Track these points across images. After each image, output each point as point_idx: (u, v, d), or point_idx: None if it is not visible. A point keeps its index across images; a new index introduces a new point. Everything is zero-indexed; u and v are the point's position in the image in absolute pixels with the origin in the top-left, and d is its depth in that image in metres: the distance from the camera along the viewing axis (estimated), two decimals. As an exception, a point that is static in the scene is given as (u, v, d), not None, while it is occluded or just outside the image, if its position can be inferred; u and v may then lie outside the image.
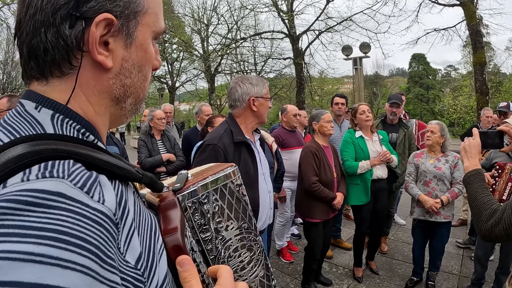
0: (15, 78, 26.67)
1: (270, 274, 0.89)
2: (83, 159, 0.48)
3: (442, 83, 40.41)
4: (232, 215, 0.79)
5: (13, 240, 0.34)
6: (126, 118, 0.67)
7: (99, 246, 0.39)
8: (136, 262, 0.48)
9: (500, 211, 1.50)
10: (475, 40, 11.67)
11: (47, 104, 0.53)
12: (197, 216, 0.71)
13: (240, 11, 17.45)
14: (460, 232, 5.39)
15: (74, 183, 0.42)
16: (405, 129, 4.57)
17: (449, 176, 3.45)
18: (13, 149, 0.44)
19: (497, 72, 28.16)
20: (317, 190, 3.36)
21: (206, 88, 21.93)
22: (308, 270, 3.64)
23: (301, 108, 14.32)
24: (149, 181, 0.65)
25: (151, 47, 0.64)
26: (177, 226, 0.64)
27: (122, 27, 0.57)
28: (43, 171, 0.42)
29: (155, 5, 0.62)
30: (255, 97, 2.24)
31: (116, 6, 0.54)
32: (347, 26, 15.55)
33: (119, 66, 0.59)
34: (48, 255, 0.34)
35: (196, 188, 0.71)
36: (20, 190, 0.38)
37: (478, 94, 11.60)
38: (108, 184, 0.48)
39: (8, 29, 14.43)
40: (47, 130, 0.51)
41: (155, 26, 0.63)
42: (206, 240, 0.72)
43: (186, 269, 0.58)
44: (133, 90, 0.63)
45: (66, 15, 0.51)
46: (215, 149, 2.07)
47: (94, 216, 0.41)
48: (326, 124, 3.54)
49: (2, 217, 0.35)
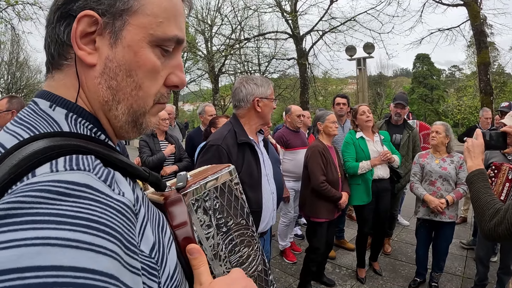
0: (20, 79, 26.86)
1: (267, 269, 0.93)
2: (101, 156, 0.51)
3: (446, 83, 40.35)
4: (231, 212, 0.82)
5: (50, 227, 0.36)
6: (127, 133, 0.64)
7: (123, 233, 0.42)
8: (150, 251, 0.51)
9: (503, 211, 1.51)
10: (479, 40, 11.61)
11: (60, 103, 0.57)
12: (200, 213, 0.74)
13: (243, 11, 17.46)
14: (464, 233, 5.37)
15: (98, 176, 0.45)
16: (410, 130, 4.54)
17: (454, 177, 3.45)
18: (35, 143, 0.47)
19: (501, 73, 28.04)
20: (325, 189, 3.35)
21: (210, 88, 21.95)
22: (306, 272, 3.60)
23: (305, 109, 14.31)
24: (154, 180, 0.68)
25: (146, 52, 0.60)
26: (186, 220, 0.68)
27: (107, 25, 0.57)
28: (69, 163, 0.45)
29: (155, 8, 0.59)
30: (259, 98, 2.23)
31: (100, 4, 0.55)
32: (351, 27, 15.52)
33: (103, 65, 0.58)
34: (83, 240, 0.37)
35: (198, 186, 0.75)
36: (52, 181, 0.40)
37: (482, 95, 11.55)
38: (123, 180, 0.52)
39: (13, 30, 14.49)
40: (63, 129, 0.54)
41: (153, 30, 0.59)
42: (209, 236, 0.76)
43: (195, 257, 0.64)
44: (122, 96, 0.60)
45: (63, 14, 0.57)
46: (219, 150, 2.06)
47: (117, 206, 0.44)
48: (331, 125, 3.54)
49: (37, 205, 0.37)
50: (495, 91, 14.74)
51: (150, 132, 0.72)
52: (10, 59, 25.84)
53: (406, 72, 53.20)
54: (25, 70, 27.30)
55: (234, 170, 0.86)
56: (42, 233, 0.35)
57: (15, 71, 26.57)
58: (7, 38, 17.80)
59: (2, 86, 25.99)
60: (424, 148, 4.91)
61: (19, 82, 26.91)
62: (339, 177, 3.55)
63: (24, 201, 0.37)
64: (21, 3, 13.03)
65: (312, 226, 3.59)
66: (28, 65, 27.30)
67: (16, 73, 26.65)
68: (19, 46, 23.23)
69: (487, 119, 5.72)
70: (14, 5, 12.80)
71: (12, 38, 19.07)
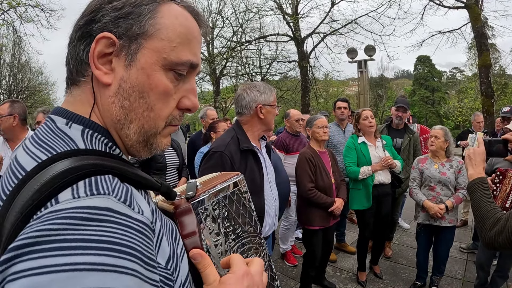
0: (21, 80, 26.85)
1: (274, 275, 0.95)
2: (118, 172, 0.54)
3: (447, 85, 40.26)
4: (240, 220, 0.84)
5: (77, 252, 0.40)
6: (138, 152, 0.67)
7: (142, 251, 0.46)
8: (166, 263, 0.55)
9: (503, 220, 1.50)
10: (480, 43, 11.60)
11: (76, 120, 0.60)
12: (208, 221, 0.76)
13: (245, 14, 17.44)
14: (464, 237, 5.39)
15: (118, 198, 0.48)
16: (411, 134, 4.53)
17: (453, 181, 3.46)
18: (54, 166, 0.50)
19: (502, 74, 27.94)
20: (314, 196, 3.31)
21: (211, 90, 21.95)
22: (306, 277, 3.59)
23: (306, 111, 14.39)
24: (166, 190, 0.70)
25: (159, 75, 0.62)
26: (195, 230, 0.70)
27: (123, 47, 0.60)
28: (89, 188, 0.48)
29: (170, 33, 0.62)
30: (262, 105, 2.24)
31: (118, 27, 0.59)
32: (352, 29, 15.48)
33: (117, 85, 0.61)
34: (107, 263, 0.41)
35: (208, 195, 0.77)
36: (75, 207, 0.44)
37: (483, 97, 11.53)
38: (139, 195, 0.55)
39: (14, 32, 14.51)
40: (79, 146, 0.56)
41: (167, 54, 0.62)
42: (217, 244, 0.77)
43: (199, 261, 0.65)
44: (134, 116, 0.62)
45: (83, 34, 0.61)
46: (222, 157, 2.07)
47: (137, 226, 0.47)
48: (318, 130, 3.48)
49: (64, 232, 0.41)
50: (496, 93, 14.73)
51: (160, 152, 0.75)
52: (12, 61, 25.80)
53: (407, 74, 53.15)
54: (26, 72, 27.26)
55: (243, 178, 0.87)
56: (71, 259, 0.39)
57: (17, 73, 26.53)
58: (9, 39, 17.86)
59: (3, 88, 25.97)
60: (425, 152, 4.93)
61: (21, 84, 26.88)
62: (333, 183, 3.49)
63: (52, 229, 0.40)
64: (23, 5, 13.09)
65: (307, 233, 3.55)
66: (30, 67, 27.29)
67: (18, 74, 26.61)
68: (21, 48, 23.26)
69: (479, 123, 5.81)
70: (16, 7, 12.85)
71: (14, 40, 19.12)
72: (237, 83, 20.93)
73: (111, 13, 0.59)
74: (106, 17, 0.59)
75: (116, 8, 0.59)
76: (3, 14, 13.20)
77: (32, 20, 13.55)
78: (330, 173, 3.50)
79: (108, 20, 0.59)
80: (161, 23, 0.62)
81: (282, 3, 16.10)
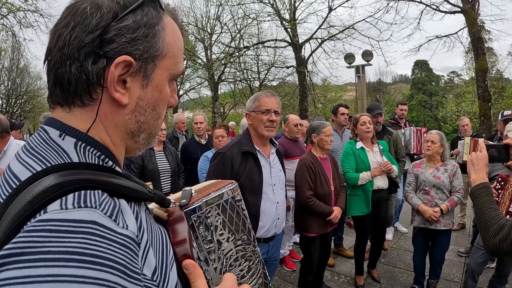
0: (20, 85, 26.90)
1: (268, 282, 0.97)
2: (107, 187, 0.55)
3: (445, 89, 40.36)
4: (233, 228, 0.86)
5: (60, 264, 0.41)
6: (139, 151, 0.73)
7: (126, 265, 0.46)
8: (152, 274, 0.56)
9: (508, 226, 1.48)
10: (477, 47, 11.64)
11: (70, 132, 0.60)
12: (201, 229, 0.78)
13: (243, 20, 17.49)
14: (463, 240, 5.40)
15: (104, 212, 0.49)
16: (389, 135, 4.72)
17: (448, 185, 3.50)
18: (47, 178, 0.51)
19: (499, 78, 28.01)
20: (313, 204, 3.26)
21: (209, 96, 22.01)
22: (304, 282, 3.59)
23: (305, 116, 14.40)
24: (159, 199, 0.73)
25: (166, 88, 0.69)
26: (186, 238, 0.72)
27: (140, 68, 0.62)
28: (77, 200, 0.49)
29: (174, 50, 0.67)
30: (248, 112, 2.54)
31: (136, 49, 0.60)
32: (349, 34, 15.54)
33: (134, 104, 0.64)
34: (88, 276, 0.42)
35: (201, 203, 0.79)
36: (62, 220, 0.45)
37: (480, 101, 11.57)
38: (127, 209, 0.56)
39: (13, 36, 14.54)
40: (72, 159, 0.57)
41: (172, 69, 0.68)
42: (210, 251, 0.79)
43: (191, 272, 0.68)
44: (146, 127, 0.68)
45: (90, 52, 0.57)
46: (224, 157, 2.38)
47: (121, 240, 0.48)
48: (326, 138, 3.43)
49: (48, 244, 0.42)
50: (493, 96, 14.76)
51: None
52: (11, 66, 25.87)
53: (405, 78, 53.46)
54: (25, 76, 27.38)
55: (237, 187, 0.90)
56: (53, 271, 0.40)
57: (16, 78, 26.61)
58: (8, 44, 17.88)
59: (2, 92, 26.02)
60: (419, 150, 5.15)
61: (19, 88, 26.95)
62: (332, 190, 3.45)
63: (38, 241, 0.42)
64: (22, 10, 13.12)
65: (304, 240, 3.52)
66: (28, 71, 27.43)
67: (17, 79, 26.69)
68: (20, 53, 23.34)
69: (463, 126, 5.91)
70: (16, 12, 12.88)
71: (13, 45, 19.14)
72: (235, 89, 20.99)
73: (127, 33, 0.58)
74: (122, 38, 0.58)
75: (131, 28, 0.59)
76: (2, 19, 13.22)
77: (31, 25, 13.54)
78: (330, 179, 3.46)
79: (125, 42, 0.58)
80: (169, 42, 0.66)
81: (280, 9, 16.16)
